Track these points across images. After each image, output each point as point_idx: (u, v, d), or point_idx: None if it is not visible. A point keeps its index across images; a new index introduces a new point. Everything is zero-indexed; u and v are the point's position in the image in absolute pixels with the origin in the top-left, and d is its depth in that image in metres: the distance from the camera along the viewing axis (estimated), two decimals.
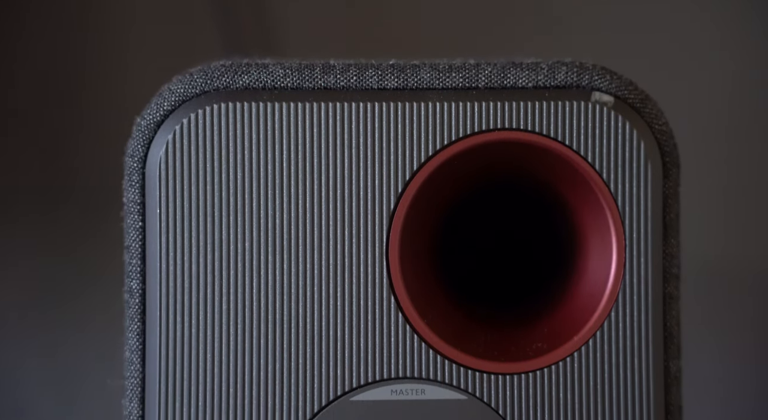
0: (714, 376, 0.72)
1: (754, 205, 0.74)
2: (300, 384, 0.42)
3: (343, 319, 0.42)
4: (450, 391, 0.42)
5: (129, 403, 0.43)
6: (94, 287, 0.71)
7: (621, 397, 0.42)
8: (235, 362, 0.42)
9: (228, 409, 0.42)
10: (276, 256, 0.42)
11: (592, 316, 0.43)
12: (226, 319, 0.42)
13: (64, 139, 0.74)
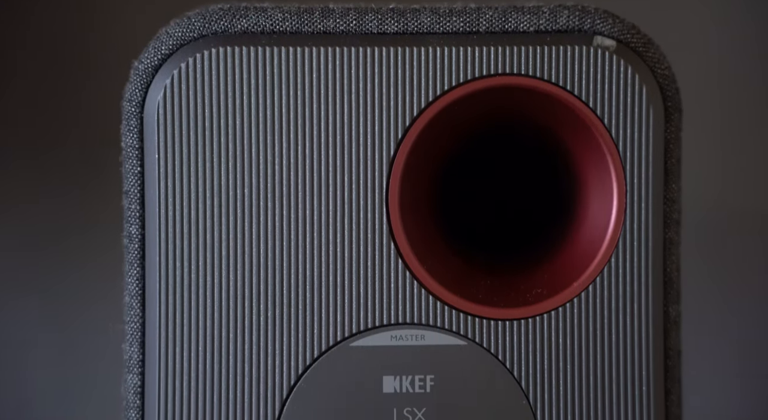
0: (714, 322, 0.72)
1: (752, 148, 0.74)
2: (300, 329, 0.42)
3: (342, 265, 0.42)
4: (450, 337, 0.42)
5: (129, 347, 0.44)
6: (94, 232, 0.71)
7: (620, 342, 0.43)
8: (234, 307, 0.42)
9: (228, 354, 0.42)
10: (275, 201, 0.42)
11: (592, 262, 0.43)
12: (225, 265, 0.42)
13: (64, 85, 0.73)
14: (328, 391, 0.42)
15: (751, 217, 0.74)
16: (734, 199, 0.74)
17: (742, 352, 0.73)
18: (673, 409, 0.43)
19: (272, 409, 0.42)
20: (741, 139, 0.74)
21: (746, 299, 0.73)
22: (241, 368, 0.42)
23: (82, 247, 0.72)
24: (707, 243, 0.72)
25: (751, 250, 0.73)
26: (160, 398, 0.42)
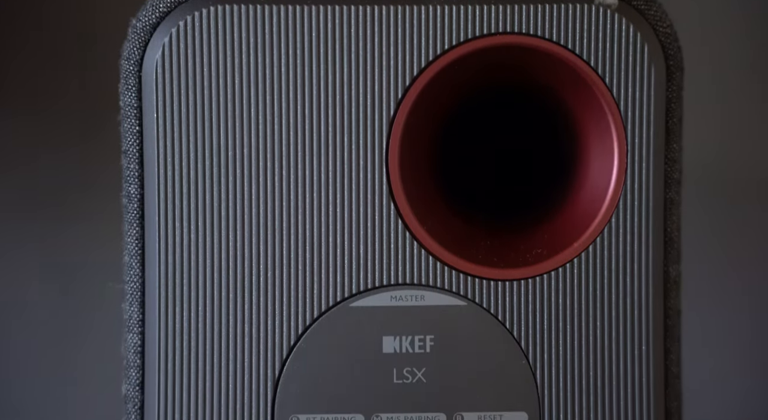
0: (714, 281, 0.72)
1: (753, 109, 0.74)
2: (299, 290, 0.42)
3: (342, 225, 0.42)
4: (449, 297, 0.42)
5: (129, 307, 0.44)
6: (93, 191, 0.71)
7: (620, 302, 0.43)
8: (234, 268, 0.42)
9: (228, 314, 0.42)
10: (275, 161, 0.42)
11: (592, 222, 0.43)
12: (225, 226, 0.42)
13: (63, 43, 0.73)
14: (327, 351, 0.42)
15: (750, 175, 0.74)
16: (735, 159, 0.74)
17: (741, 320, 0.73)
18: (672, 368, 0.43)
19: (272, 368, 0.42)
20: (745, 97, 0.73)
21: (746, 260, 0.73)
22: (241, 328, 0.42)
23: (81, 206, 0.72)
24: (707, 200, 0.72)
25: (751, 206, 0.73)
26: (160, 357, 0.42)
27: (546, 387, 0.42)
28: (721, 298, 0.72)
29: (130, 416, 0.43)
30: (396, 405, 0.42)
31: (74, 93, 0.72)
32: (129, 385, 0.43)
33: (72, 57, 0.72)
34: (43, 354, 0.72)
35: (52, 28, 0.72)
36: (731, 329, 0.73)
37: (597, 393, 0.42)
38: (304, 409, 0.42)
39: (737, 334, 0.73)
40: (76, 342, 0.72)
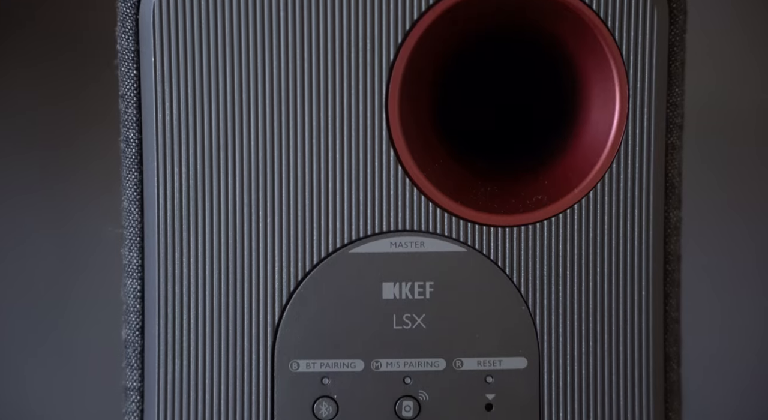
0: (714, 227, 0.72)
1: (755, 50, 0.73)
2: (299, 236, 0.42)
3: (342, 172, 0.42)
4: (449, 244, 0.42)
5: (128, 252, 0.43)
6: (93, 136, 0.71)
7: (620, 247, 0.42)
8: (233, 214, 0.42)
9: (227, 260, 0.42)
10: (274, 107, 0.42)
11: (593, 167, 0.42)
12: (224, 170, 0.42)
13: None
14: (327, 297, 0.42)
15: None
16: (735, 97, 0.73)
17: (740, 267, 0.73)
18: (672, 313, 0.43)
19: (272, 314, 0.42)
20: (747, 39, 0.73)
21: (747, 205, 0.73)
22: (241, 274, 0.42)
23: (81, 150, 0.72)
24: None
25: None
26: (160, 302, 0.42)
27: (545, 333, 0.42)
28: (722, 243, 0.72)
29: (131, 361, 0.43)
30: (395, 351, 0.42)
31: (72, 37, 0.71)
32: (129, 329, 0.43)
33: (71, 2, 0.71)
34: (43, 298, 0.72)
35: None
36: (733, 275, 0.73)
37: (596, 338, 0.42)
38: (304, 355, 0.42)
39: (740, 279, 0.73)
40: (76, 286, 0.72)
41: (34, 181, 0.72)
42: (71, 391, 0.73)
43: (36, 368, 0.73)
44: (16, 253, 0.72)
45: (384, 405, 0.42)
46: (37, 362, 0.73)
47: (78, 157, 0.72)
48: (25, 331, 0.73)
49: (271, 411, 0.42)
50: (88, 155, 0.71)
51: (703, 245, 0.71)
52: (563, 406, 0.42)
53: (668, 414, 0.43)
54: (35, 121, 0.71)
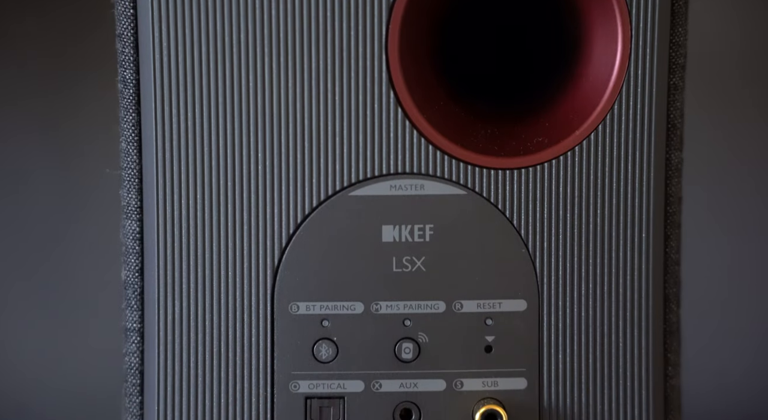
0: (714, 167, 0.72)
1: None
2: (299, 179, 0.42)
3: (342, 114, 0.42)
4: (449, 187, 0.42)
5: (127, 193, 0.43)
6: (92, 78, 0.70)
7: (621, 189, 0.42)
8: (232, 156, 0.42)
9: (227, 202, 0.42)
10: (273, 50, 0.41)
11: (594, 109, 0.42)
12: (222, 113, 0.42)
13: None
14: (327, 239, 0.42)
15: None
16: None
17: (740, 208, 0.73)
18: (672, 255, 0.43)
19: (272, 257, 0.42)
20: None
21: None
22: (240, 216, 0.42)
23: (80, 90, 0.71)
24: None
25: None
26: (159, 244, 0.42)
27: (545, 275, 0.42)
28: (722, 183, 0.72)
29: (130, 302, 0.43)
30: (395, 293, 0.42)
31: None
32: (128, 271, 0.43)
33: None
34: (42, 239, 0.72)
35: None
36: (733, 214, 0.73)
37: (596, 280, 0.42)
38: (304, 297, 0.42)
39: (738, 217, 0.73)
40: (76, 228, 0.72)
41: (33, 121, 0.72)
42: (70, 332, 0.73)
43: (35, 310, 0.73)
44: (15, 194, 0.72)
45: (384, 347, 0.42)
46: (36, 304, 0.73)
47: (77, 99, 0.71)
48: (24, 272, 0.73)
49: (271, 353, 0.42)
50: (87, 96, 0.71)
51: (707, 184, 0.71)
52: (562, 348, 0.43)
53: (667, 355, 0.43)
54: (34, 62, 0.71)
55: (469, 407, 0.42)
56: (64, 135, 0.71)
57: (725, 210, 0.72)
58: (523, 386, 0.42)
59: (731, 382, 0.74)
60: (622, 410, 0.43)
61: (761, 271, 0.73)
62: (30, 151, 0.71)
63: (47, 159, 0.72)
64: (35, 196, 0.72)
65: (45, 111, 0.71)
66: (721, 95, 0.71)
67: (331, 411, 0.42)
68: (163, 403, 0.42)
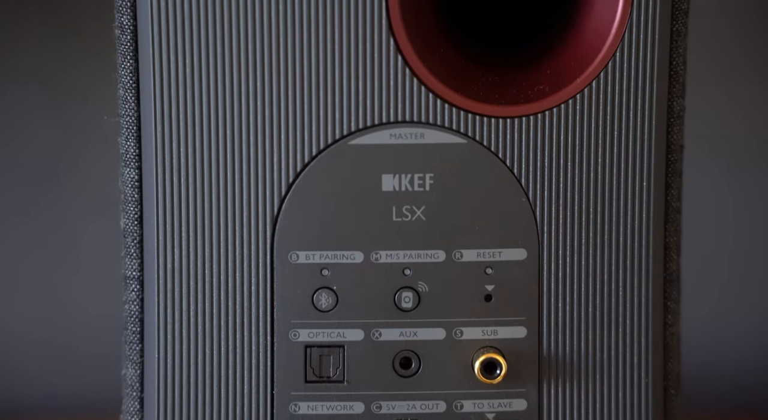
0: (715, 114, 0.71)
1: None
2: (298, 127, 0.42)
3: (341, 61, 0.41)
4: (449, 135, 0.42)
5: (125, 141, 0.43)
6: (91, 26, 0.70)
7: (622, 137, 0.42)
8: (231, 103, 0.42)
9: (225, 151, 0.42)
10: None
11: (596, 56, 0.42)
12: (222, 60, 0.41)
13: None
14: (326, 189, 0.42)
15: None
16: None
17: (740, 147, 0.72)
18: (673, 203, 0.43)
19: (271, 206, 0.42)
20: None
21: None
22: (239, 165, 0.42)
23: (79, 37, 0.71)
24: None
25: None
26: (158, 192, 0.42)
27: (545, 224, 0.42)
28: (723, 130, 0.72)
29: (130, 250, 0.43)
30: (395, 243, 0.42)
31: None
32: (127, 219, 0.43)
33: None
34: (41, 187, 0.72)
35: None
36: (734, 151, 0.72)
37: (596, 229, 0.42)
38: (303, 247, 0.42)
39: (738, 155, 0.73)
40: (75, 176, 0.72)
41: (33, 73, 0.71)
42: (70, 280, 0.73)
43: (34, 257, 0.73)
44: (13, 142, 0.72)
45: (383, 296, 0.42)
46: (35, 251, 0.73)
47: (77, 52, 0.71)
48: (24, 221, 0.73)
49: (270, 301, 0.42)
50: (86, 49, 0.70)
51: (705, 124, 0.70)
52: (562, 297, 0.43)
53: (667, 303, 0.43)
54: (33, 11, 0.70)
55: (468, 356, 0.42)
56: (64, 86, 0.71)
57: (726, 158, 0.72)
58: (522, 335, 0.42)
59: (731, 330, 0.74)
60: (622, 358, 0.43)
61: (764, 218, 0.73)
62: (29, 101, 0.71)
63: (46, 109, 0.71)
64: (35, 146, 0.72)
65: (44, 63, 0.71)
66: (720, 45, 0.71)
67: (330, 359, 0.42)
68: (163, 351, 0.43)
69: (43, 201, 0.72)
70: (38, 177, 0.72)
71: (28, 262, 0.73)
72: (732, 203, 0.73)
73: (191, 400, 0.42)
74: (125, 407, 0.44)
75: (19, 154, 0.72)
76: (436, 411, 0.42)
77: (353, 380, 0.42)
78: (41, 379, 0.73)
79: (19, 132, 0.71)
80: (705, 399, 0.69)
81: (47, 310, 0.73)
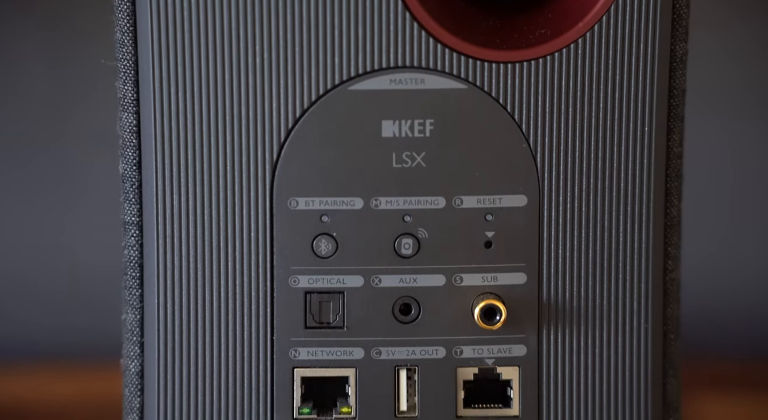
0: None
1: None
2: (297, 73, 0.41)
3: (340, 6, 0.41)
4: (450, 81, 0.41)
5: (123, 85, 0.43)
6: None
7: (624, 83, 0.42)
8: (230, 48, 0.41)
9: (224, 95, 0.42)
10: None
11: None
12: (219, 3, 0.41)
13: None
14: (326, 135, 0.41)
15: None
16: None
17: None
18: (674, 148, 0.43)
19: (270, 152, 0.42)
20: None
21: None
22: (238, 110, 0.42)
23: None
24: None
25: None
26: (156, 136, 0.42)
27: (546, 170, 0.42)
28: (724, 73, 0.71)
29: (128, 195, 0.43)
30: (395, 189, 0.42)
31: None
32: (126, 164, 0.43)
33: None
34: (39, 133, 0.72)
35: None
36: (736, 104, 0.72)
37: (597, 174, 0.42)
38: (303, 193, 0.42)
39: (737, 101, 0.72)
40: (73, 120, 0.72)
41: (31, 19, 0.71)
42: (70, 224, 0.73)
43: (33, 203, 0.73)
44: (10, 86, 0.71)
45: (383, 242, 0.42)
46: (34, 197, 0.73)
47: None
48: (23, 165, 0.73)
49: (270, 248, 0.42)
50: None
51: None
52: (562, 243, 0.42)
53: (667, 248, 0.43)
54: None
55: (468, 302, 0.42)
56: (62, 32, 0.71)
57: (728, 99, 0.72)
58: (522, 281, 0.42)
59: (732, 276, 0.74)
60: (622, 303, 0.43)
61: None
62: (27, 46, 0.71)
63: (44, 54, 0.71)
64: (32, 89, 0.71)
65: (42, 6, 0.70)
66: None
67: (330, 305, 0.42)
68: (162, 296, 0.43)
69: (41, 146, 0.72)
70: (36, 123, 0.72)
71: (23, 207, 0.73)
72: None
73: (191, 345, 0.43)
74: (125, 352, 0.44)
75: (16, 99, 0.72)
76: (435, 356, 0.42)
77: (353, 326, 0.42)
78: (41, 323, 0.74)
79: (16, 72, 0.71)
80: (704, 344, 0.69)
81: (45, 256, 0.73)
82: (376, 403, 0.42)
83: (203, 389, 0.43)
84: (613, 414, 0.43)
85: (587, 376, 0.43)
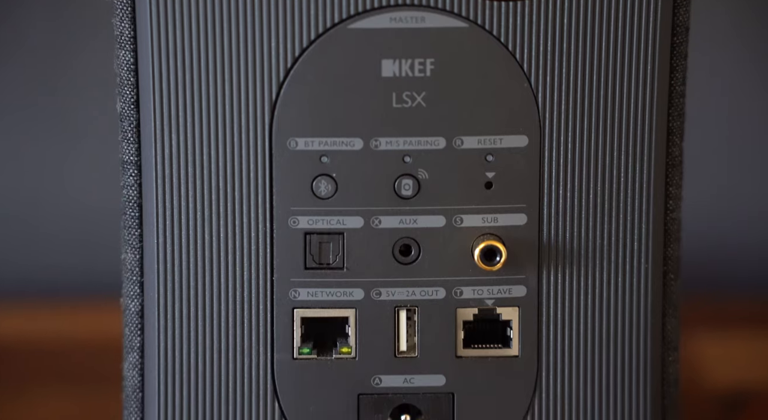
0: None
1: None
2: (296, 11, 0.41)
3: None
4: (451, 19, 0.41)
5: (120, 22, 0.42)
6: None
7: (627, 20, 0.41)
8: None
9: (222, 35, 0.41)
10: None
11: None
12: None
13: None
14: (325, 74, 0.41)
15: None
16: None
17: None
18: (677, 87, 0.43)
19: (269, 92, 0.41)
20: None
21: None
22: (237, 49, 0.41)
23: None
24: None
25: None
26: (154, 75, 0.42)
27: (547, 110, 0.42)
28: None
29: (126, 134, 0.43)
30: (395, 129, 0.41)
31: None
32: (124, 103, 0.43)
33: None
34: (37, 70, 0.72)
35: None
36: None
37: (599, 113, 0.42)
38: (302, 133, 0.42)
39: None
40: (71, 59, 0.72)
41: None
42: (69, 164, 0.73)
43: (33, 142, 0.73)
44: (7, 24, 0.71)
45: (383, 183, 0.42)
46: (33, 136, 0.73)
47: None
48: (21, 104, 0.72)
49: (270, 188, 0.42)
50: None
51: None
52: (563, 184, 0.42)
53: (668, 188, 0.43)
54: None
55: (468, 243, 0.42)
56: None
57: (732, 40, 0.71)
58: (522, 222, 0.42)
59: (733, 216, 0.74)
60: (622, 243, 0.43)
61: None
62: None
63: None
64: (29, 29, 0.71)
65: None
66: None
67: (330, 246, 0.42)
68: (161, 236, 0.42)
69: (39, 84, 0.72)
70: (35, 60, 0.71)
71: (23, 145, 0.73)
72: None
73: (191, 285, 0.43)
74: (125, 291, 0.44)
75: (14, 37, 0.71)
76: (435, 297, 0.42)
77: (353, 267, 0.42)
78: (40, 263, 0.74)
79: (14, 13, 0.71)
80: (704, 284, 0.69)
81: (43, 193, 0.73)
82: (375, 344, 0.43)
83: (203, 328, 0.43)
84: (613, 353, 0.43)
85: (587, 317, 0.43)
